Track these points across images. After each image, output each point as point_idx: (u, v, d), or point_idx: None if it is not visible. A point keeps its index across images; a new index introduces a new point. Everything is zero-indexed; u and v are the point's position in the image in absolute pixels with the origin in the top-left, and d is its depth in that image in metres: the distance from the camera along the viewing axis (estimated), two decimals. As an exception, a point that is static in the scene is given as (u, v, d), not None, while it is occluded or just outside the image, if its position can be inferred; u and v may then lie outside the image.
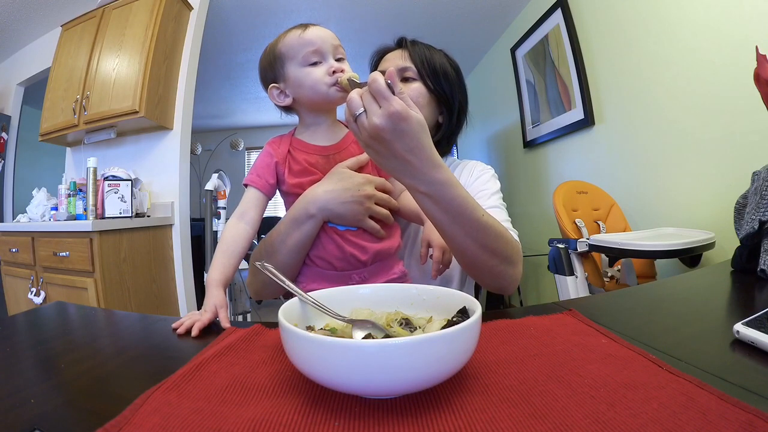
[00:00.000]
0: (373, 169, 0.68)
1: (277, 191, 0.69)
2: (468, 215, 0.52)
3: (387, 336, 0.37)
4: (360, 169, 0.65)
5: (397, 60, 0.80)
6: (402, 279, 0.67)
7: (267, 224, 0.68)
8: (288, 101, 0.66)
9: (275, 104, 0.67)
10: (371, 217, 0.63)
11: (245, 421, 0.28)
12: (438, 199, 0.51)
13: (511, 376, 0.34)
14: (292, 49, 0.62)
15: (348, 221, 0.62)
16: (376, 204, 0.63)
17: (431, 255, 0.64)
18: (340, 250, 0.63)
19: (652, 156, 1.68)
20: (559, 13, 2.17)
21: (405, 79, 0.79)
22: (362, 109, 0.47)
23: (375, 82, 0.45)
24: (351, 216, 0.61)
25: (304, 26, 0.63)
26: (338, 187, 0.61)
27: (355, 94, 0.47)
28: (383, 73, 0.73)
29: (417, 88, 0.78)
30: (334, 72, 0.61)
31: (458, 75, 0.83)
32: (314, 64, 0.62)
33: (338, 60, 0.64)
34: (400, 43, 0.84)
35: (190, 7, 2.26)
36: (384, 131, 0.46)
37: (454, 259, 0.76)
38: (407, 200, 0.69)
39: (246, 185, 0.66)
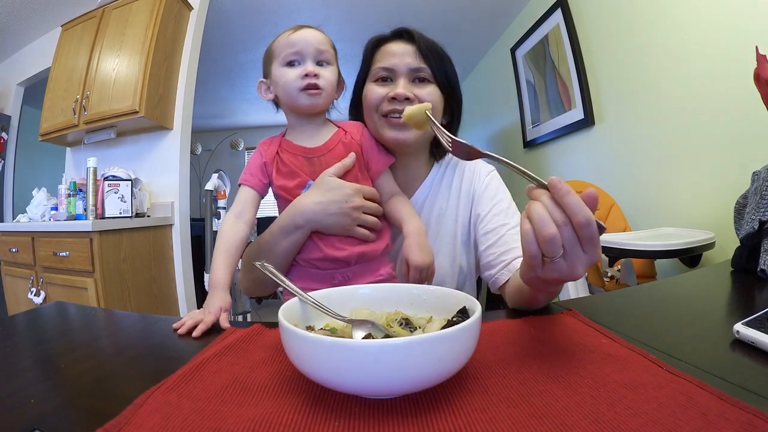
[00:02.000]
0: (358, 172, 0.67)
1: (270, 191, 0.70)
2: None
3: (387, 336, 0.37)
4: (346, 174, 0.65)
5: (407, 58, 0.71)
6: (388, 281, 0.66)
7: (265, 225, 0.69)
8: (270, 97, 0.68)
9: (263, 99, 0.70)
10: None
11: (245, 420, 0.28)
12: (553, 294, 0.52)
13: (511, 376, 0.34)
14: (278, 47, 0.65)
15: (336, 231, 0.63)
16: (365, 213, 0.63)
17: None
18: (322, 252, 0.63)
19: (652, 156, 1.68)
20: (559, 13, 2.17)
21: (419, 80, 0.71)
22: (562, 252, 0.36)
23: (590, 225, 0.35)
24: (339, 227, 0.62)
25: (297, 28, 0.65)
26: (325, 198, 0.61)
27: (555, 230, 0.35)
28: (390, 72, 0.71)
29: (434, 92, 0.71)
30: (306, 75, 0.62)
31: (455, 70, 0.77)
32: (292, 65, 0.64)
33: (320, 64, 0.65)
34: (401, 35, 0.74)
35: (190, 7, 2.26)
36: (579, 277, 0.38)
37: (447, 275, 0.75)
38: (394, 208, 0.68)
39: (240, 185, 0.68)
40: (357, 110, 0.78)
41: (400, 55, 0.70)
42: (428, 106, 0.56)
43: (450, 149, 0.46)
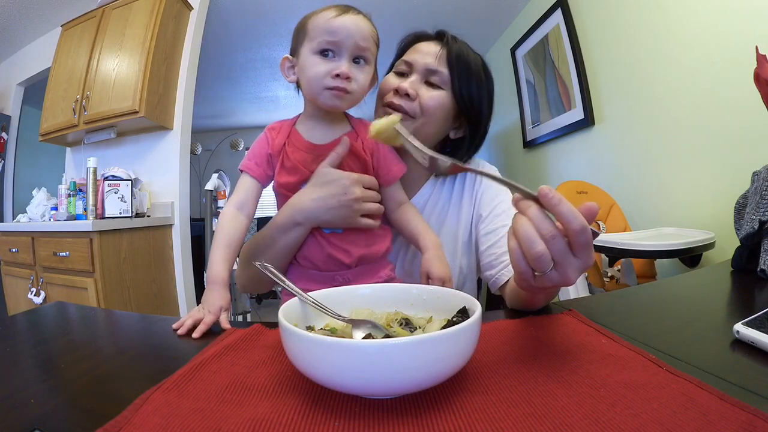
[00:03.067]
0: (354, 162, 0.64)
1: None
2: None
3: (387, 336, 0.37)
4: (342, 162, 0.62)
5: (428, 58, 0.69)
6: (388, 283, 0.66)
7: (262, 225, 0.68)
8: (293, 79, 0.63)
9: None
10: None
11: (245, 421, 0.28)
12: (551, 295, 0.52)
13: (511, 376, 0.34)
14: (315, 29, 0.57)
15: (338, 225, 0.61)
16: (365, 201, 0.61)
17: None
18: (322, 251, 0.62)
19: (652, 156, 1.68)
20: (559, 13, 2.17)
21: (428, 83, 0.70)
22: (552, 265, 0.35)
23: (585, 232, 0.34)
24: (340, 221, 0.60)
25: (343, 10, 0.57)
26: (324, 193, 0.59)
27: (542, 248, 0.34)
28: (408, 66, 0.70)
29: (438, 97, 0.69)
30: (337, 75, 0.56)
31: (491, 89, 0.74)
32: (325, 55, 0.57)
33: (357, 60, 0.58)
34: (440, 36, 0.72)
35: (190, 7, 2.26)
36: (572, 283, 0.37)
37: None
38: (406, 219, 0.66)
39: (242, 171, 0.64)
40: None
41: (423, 53, 0.70)
42: (396, 120, 0.50)
43: (426, 165, 0.44)
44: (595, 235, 0.35)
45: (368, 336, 0.37)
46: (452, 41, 0.71)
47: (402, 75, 0.72)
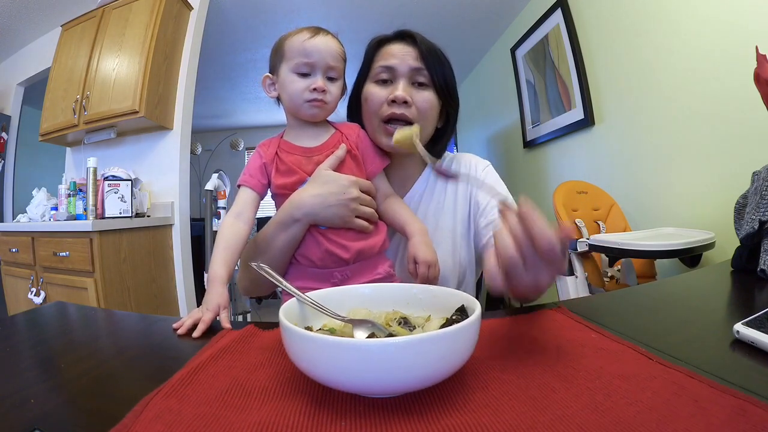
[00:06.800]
0: (356, 170, 0.68)
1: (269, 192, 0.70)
2: None
3: (389, 335, 0.37)
4: (340, 165, 0.66)
5: (408, 59, 0.70)
6: (387, 280, 0.67)
7: (262, 225, 0.69)
8: (274, 95, 0.69)
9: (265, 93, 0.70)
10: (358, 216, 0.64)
11: (251, 424, 0.28)
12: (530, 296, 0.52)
13: (508, 371, 0.35)
14: (291, 51, 0.64)
15: (334, 224, 0.63)
16: (361, 204, 0.64)
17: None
18: (320, 247, 0.63)
19: (652, 156, 1.68)
20: (559, 13, 2.17)
21: (418, 84, 0.71)
22: (522, 265, 0.39)
23: (552, 250, 0.36)
24: (337, 219, 0.62)
25: (315, 32, 0.64)
26: (324, 191, 0.62)
27: (513, 251, 0.38)
28: (390, 71, 0.70)
29: (430, 98, 0.71)
30: (314, 89, 0.63)
31: (452, 68, 0.76)
32: (302, 74, 0.64)
33: (330, 78, 0.65)
34: (403, 37, 0.74)
35: (190, 7, 2.26)
36: (543, 288, 0.43)
37: (447, 269, 0.75)
38: (392, 210, 0.68)
39: (239, 185, 0.68)
40: (356, 109, 0.77)
41: (401, 56, 0.71)
42: (416, 131, 0.59)
43: (434, 169, 0.52)
44: (564, 246, 0.38)
45: (371, 335, 0.37)
46: (420, 39, 0.72)
47: (384, 83, 0.71)
